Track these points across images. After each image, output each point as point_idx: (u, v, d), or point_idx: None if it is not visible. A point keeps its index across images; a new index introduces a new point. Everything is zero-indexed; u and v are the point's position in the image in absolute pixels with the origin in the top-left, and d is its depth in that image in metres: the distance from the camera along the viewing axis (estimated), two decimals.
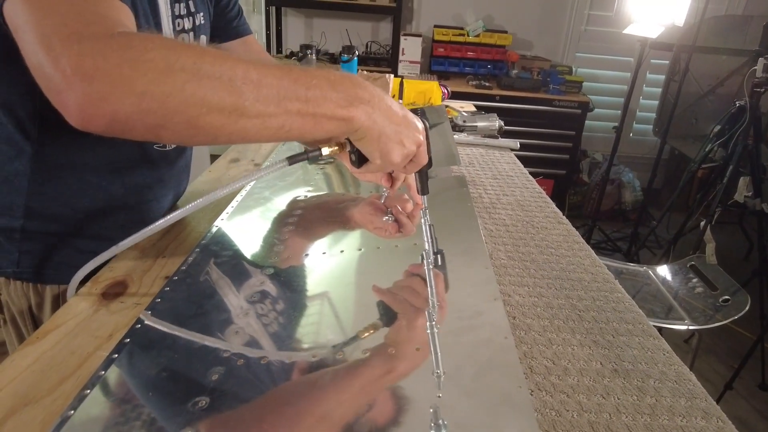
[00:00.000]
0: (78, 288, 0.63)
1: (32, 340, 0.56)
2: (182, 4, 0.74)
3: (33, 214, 0.68)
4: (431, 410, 0.30)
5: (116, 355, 0.45)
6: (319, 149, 0.56)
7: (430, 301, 0.47)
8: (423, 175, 0.66)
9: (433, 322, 0.38)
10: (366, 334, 0.43)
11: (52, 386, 0.50)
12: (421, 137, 0.59)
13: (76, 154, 0.67)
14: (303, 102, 0.47)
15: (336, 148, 0.56)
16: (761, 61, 1.69)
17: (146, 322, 0.49)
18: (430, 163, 0.65)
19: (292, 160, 0.54)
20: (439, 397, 0.35)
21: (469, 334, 0.41)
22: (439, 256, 0.60)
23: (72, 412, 0.39)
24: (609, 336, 0.65)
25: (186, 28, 0.75)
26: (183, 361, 0.44)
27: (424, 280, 0.52)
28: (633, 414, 0.53)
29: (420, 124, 0.59)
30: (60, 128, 0.62)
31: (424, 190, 0.66)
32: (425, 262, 0.50)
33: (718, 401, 1.80)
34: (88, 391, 0.41)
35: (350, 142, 0.56)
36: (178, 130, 0.44)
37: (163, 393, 0.40)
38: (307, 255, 0.62)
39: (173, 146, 0.78)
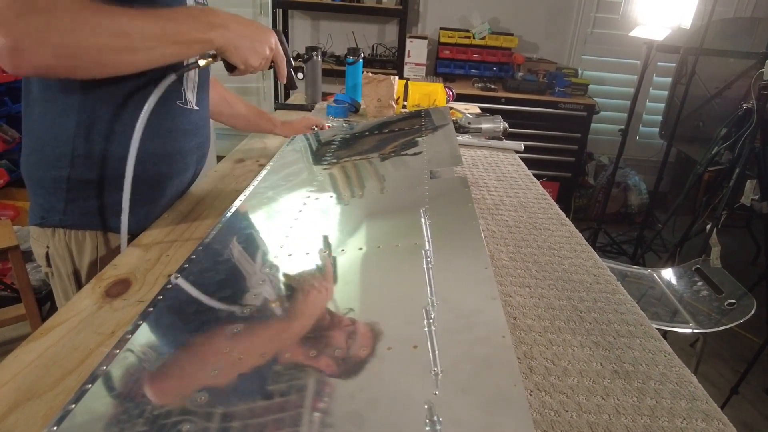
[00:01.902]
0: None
1: (36, 336, 0.57)
2: None
3: (77, 163, 0.77)
4: (426, 407, 0.30)
5: (117, 351, 0.46)
6: (196, 61, 0.78)
7: (429, 300, 0.47)
8: (289, 72, 0.88)
9: (431, 320, 0.38)
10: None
11: (55, 381, 0.50)
12: (273, 40, 0.80)
13: (116, 113, 0.77)
14: (174, 33, 0.66)
15: (210, 60, 0.79)
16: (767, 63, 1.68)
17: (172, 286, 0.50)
18: (290, 63, 0.87)
19: (179, 71, 0.76)
20: (435, 394, 0.35)
21: (467, 332, 0.41)
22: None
23: (73, 406, 0.39)
24: (610, 337, 0.65)
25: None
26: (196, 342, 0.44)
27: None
28: (633, 415, 0.52)
29: (271, 33, 0.80)
30: (99, 88, 0.75)
31: (292, 84, 0.91)
32: (425, 261, 0.50)
33: (723, 406, 1.79)
34: (90, 385, 0.42)
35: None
36: (89, 67, 0.63)
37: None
38: (308, 253, 0.62)
39: (198, 114, 0.90)
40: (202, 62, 0.78)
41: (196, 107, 0.89)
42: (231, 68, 0.79)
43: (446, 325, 0.42)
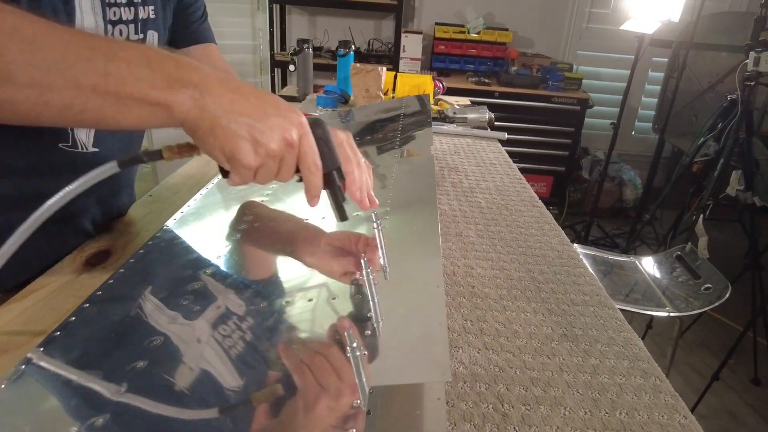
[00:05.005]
0: None
1: (17, 299, 0.60)
2: None
3: None
4: (345, 334, 0.33)
5: (87, 305, 0.49)
6: (160, 151, 0.44)
7: (380, 256, 0.50)
8: (335, 192, 0.48)
9: (369, 270, 0.42)
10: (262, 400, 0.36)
11: (30, 337, 0.54)
12: (293, 133, 0.44)
13: None
14: (100, 76, 0.37)
15: (175, 150, 0.45)
16: (752, 54, 1.70)
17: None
18: (340, 174, 0.48)
19: (124, 163, 0.43)
20: (367, 334, 0.38)
21: (407, 283, 0.44)
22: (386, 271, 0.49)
23: (41, 349, 0.43)
24: (564, 305, 0.68)
25: (124, 18, 0.64)
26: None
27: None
28: (575, 373, 0.55)
29: (294, 115, 0.45)
30: None
31: (341, 214, 0.49)
32: (375, 224, 0.52)
33: (704, 392, 1.80)
34: (59, 333, 0.45)
35: None
36: None
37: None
38: (271, 222, 0.66)
39: (89, 149, 0.67)
40: (167, 153, 0.45)
41: (93, 149, 0.66)
42: (225, 171, 0.46)
43: (388, 276, 0.46)
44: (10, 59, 0.34)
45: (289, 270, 0.53)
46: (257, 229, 0.64)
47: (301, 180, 0.47)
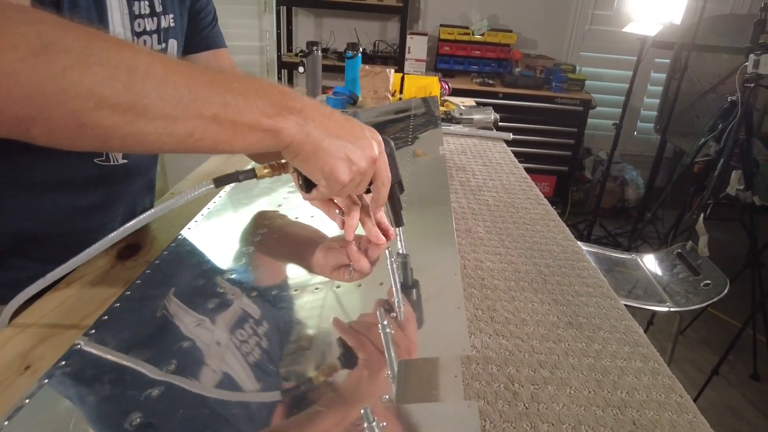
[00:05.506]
0: (12, 318, 0.57)
1: (59, 287, 0.65)
2: (144, 2, 0.67)
3: None
4: (377, 313, 0.37)
5: (129, 293, 0.53)
6: (253, 170, 0.50)
7: (399, 247, 0.54)
8: (394, 202, 0.56)
9: (393, 258, 0.46)
10: (322, 378, 0.40)
11: (74, 323, 0.58)
12: (375, 151, 0.50)
13: (18, 173, 0.64)
14: (220, 106, 0.41)
15: (269, 170, 0.51)
16: (751, 57, 1.73)
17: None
18: (401, 187, 0.56)
19: (220, 181, 0.48)
20: (394, 316, 0.42)
21: (426, 272, 0.48)
22: (414, 289, 0.51)
23: (93, 331, 0.47)
24: (569, 296, 0.72)
25: (148, 29, 0.68)
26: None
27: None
28: (579, 357, 0.60)
29: (374, 135, 0.52)
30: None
31: (398, 220, 0.56)
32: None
33: (704, 386, 1.84)
34: (106, 317, 0.49)
35: None
36: (56, 126, 0.36)
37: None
38: (297, 218, 0.70)
39: (119, 161, 0.73)
40: (262, 172, 0.51)
41: (123, 161, 0.72)
42: (309, 185, 0.52)
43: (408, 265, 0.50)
44: (145, 94, 0.37)
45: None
46: (282, 232, 0.68)
47: (369, 192, 0.54)
